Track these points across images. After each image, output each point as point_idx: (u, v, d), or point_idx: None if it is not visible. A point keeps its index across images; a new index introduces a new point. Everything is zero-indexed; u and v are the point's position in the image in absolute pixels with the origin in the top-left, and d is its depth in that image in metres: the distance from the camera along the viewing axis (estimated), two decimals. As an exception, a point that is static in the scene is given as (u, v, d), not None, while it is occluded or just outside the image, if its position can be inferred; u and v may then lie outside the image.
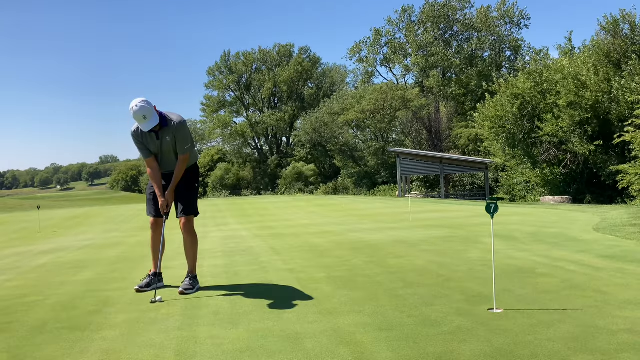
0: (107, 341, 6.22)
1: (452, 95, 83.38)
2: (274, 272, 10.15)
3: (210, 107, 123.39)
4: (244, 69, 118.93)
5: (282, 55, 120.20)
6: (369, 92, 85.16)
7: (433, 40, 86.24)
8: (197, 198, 9.18)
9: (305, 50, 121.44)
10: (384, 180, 78.99)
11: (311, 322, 6.59)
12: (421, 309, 6.98)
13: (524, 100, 44.23)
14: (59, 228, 25.64)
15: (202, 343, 5.98)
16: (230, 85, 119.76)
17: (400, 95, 79.83)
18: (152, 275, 9.03)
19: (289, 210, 31.42)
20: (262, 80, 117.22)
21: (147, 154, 8.72)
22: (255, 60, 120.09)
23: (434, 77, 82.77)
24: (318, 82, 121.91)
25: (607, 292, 7.64)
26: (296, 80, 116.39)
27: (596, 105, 39.56)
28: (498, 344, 5.54)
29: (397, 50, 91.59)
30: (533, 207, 27.43)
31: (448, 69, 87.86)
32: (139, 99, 8.20)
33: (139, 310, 7.57)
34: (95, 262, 12.56)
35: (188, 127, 8.81)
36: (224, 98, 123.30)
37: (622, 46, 42.43)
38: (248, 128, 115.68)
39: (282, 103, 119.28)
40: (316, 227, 19.56)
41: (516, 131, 44.88)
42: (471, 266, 9.99)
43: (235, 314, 7.15)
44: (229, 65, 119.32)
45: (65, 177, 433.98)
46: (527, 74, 46.00)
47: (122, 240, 17.85)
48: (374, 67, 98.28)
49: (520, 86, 44.54)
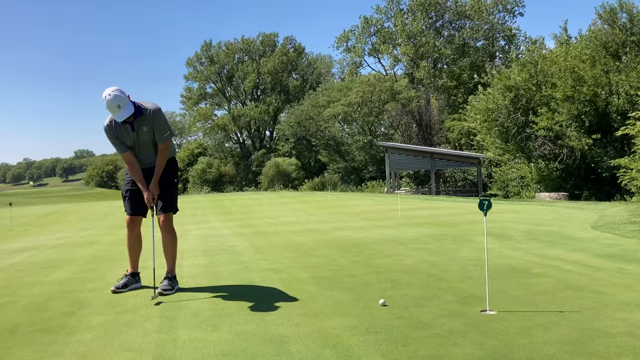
0: (82, 344, 6.20)
1: (443, 87, 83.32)
2: (256, 272, 10.13)
3: (190, 99, 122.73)
4: (226, 59, 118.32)
5: (266, 45, 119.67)
6: (356, 83, 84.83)
7: (423, 29, 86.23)
8: (176, 194, 9.15)
9: (290, 40, 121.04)
10: (371, 175, 78.83)
11: (296, 325, 6.59)
12: (411, 311, 6.99)
13: (517, 93, 44.20)
14: (31, 226, 25.52)
15: (182, 346, 5.97)
16: (211, 76, 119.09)
17: (389, 86, 79.65)
18: (130, 276, 9.00)
19: (272, 207, 31.39)
20: (245, 71, 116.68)
21: (124, 148, 8.63)
22: (238, 51, 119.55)
23: (424, 68, 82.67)
24: (303, 73, 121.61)
25: (605, 293, 7.67)
26: (280, 71, 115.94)
27: (594, 98, 39.59)
28: (491, 347, 5.55)
29: (386, 40, 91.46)
30: (528, 204, 27.54)
31: (439, 60, 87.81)
32: (112, 88, 8.13)
33: (116, 312, 7.54)
34: (69, 262, 12.50)
35: (164, 115, 8.77)
36: (205, 90, 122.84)
37: (620, 36, 42.47)
38: (230, 121, 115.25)
39: (266, 95, 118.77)
40: (301, 225, 19.56)
41: (510, 125, 44.83)
42: (463, 266, 10.01)
43: (216, 315, 7.14)
44: (210, 55, 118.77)
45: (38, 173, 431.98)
46: (522, 64, 45.91)
47: (97, 239, 17.76)
48: (361, 57, 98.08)
49: (514, 78, 44.52)
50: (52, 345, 6.21)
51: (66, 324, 7.04)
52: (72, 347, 6.13)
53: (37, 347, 6.15)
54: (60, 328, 6.86)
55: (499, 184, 55.91)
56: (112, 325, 6.88)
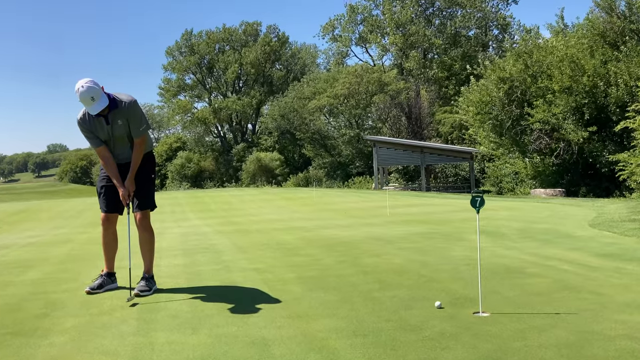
0: (56, 347, 6.18)
1: (433, 78, 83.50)
2: (238, 272, 10.13)
3: (169, 91, 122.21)
4: (207, 49, 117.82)
5: (249, 34, 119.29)
6: (342, 74, 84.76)
7: (413, 17, 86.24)
8: (154, 190, 9.12)
9: (274, 29, 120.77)
10: (359, 171, 78.78)
11: (279, 327, 6.58)
12: (400, 313, 7.00)
13: (512, 84, 44.22)
14: (2, 223, 25.45)
15: (160, 350, 5.95)
16: (191, 67, 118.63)
17: (376, 78, 79.65)
18: (105, 276, 8.96)
19: (255, 204, 31.40)
20: (226, 61, 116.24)
21: (98, 143, 8.57)
22: (219, 40, 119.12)
23: (413, 58, 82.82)
24: (287, 63, 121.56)
25: (603, 293, 7.69)
26: (263, 61, 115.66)
27: (593, 90, 39.63)
28: (484, 351, 5.56)
29: (373, 29, 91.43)
30: (522, 201, 27.60)
31: (429, 50, 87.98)
32: (85, 80, 8.06)
33: (90, 313, 7.51)
34: (42, 261, 12.44)
35: (140, 107, 8.73)
36: (184, 81, 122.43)
37: (619, 25, 42.56)
38: (210, 114, 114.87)
39: (248, 87, 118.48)
40: (285, 223, 19.57)
41: (504, 118, 44.84)
42: (455, 265, 10.03)
43: (195, 318, 7.12)
44: (190, 45, 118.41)
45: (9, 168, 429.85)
46: (516, 55, 46.00)
47: (71, 237, 17.71)
48: (348, 46, 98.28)
49: (508, 68, 44.54)
50: (24, 348, 6.19)
51: (39, 326, 7.00)
52: (44, 350, 6.10)
53: (8, 351, 6.12)
54: (32, 331, 6.82)
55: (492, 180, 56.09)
56: (86, 328, 6.85)
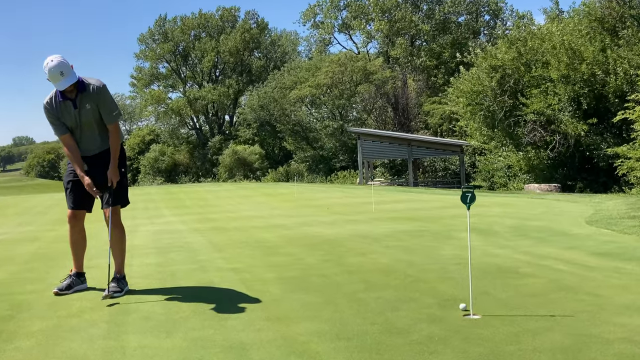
0: (21, 352, 6.15)
1: (421, 67, 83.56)
2: (214, 272, 10.12)
3: (141, 80, 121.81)
4: (182, 36, 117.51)
5: (226, 20, 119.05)
6: (325, 63, 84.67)
7: (399, 2, 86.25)
8: (127, 185, 9.08)
9: (253, 15, 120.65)
10: (342, 165, 78.78)
11: (258, 330, 6.57)
12: (386, 315, 7.00)
13: (505, 73, 44.22)
14: (-38, 221, 25.37)
15: (131, 354, 5.94)
16: (165, 55, 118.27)
17: (361, 66, 79.62)
18: (74, 276, 8.92)
19: (232, 200, 31.37)
20: (202, 49, 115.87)
21: (63, 130, 8.51)
22: (195, 27, 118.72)
23: (400, 46, 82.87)
24: (267, 51, 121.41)
25: (601, 295, 7.71)
26: (242, 49, 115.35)
27: (591, 78, 39.65)
28: (475, 355, 5.56)
29: (357, 15, 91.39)
30: (516, 197, 27.68)
31: (417, 37, 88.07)
32: (55, 55, 8.08)
33: (58, 316, 7.49)
34: (7, 260, 12.40)
35: (110, 93, 8.69)
36: (158, 70, 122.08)
37: (618, 10, 42.60)
38: (185, 105, 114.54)
39: (226, 76, 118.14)
40: (264, 220, 19.57)
41: (496, 109, 44.79)
42: (444, 265, 10.05)
43: (170, 320, 7.11)
44: (164, 31, 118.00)
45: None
46: (509, 42, 45.94)
47: (38, 235, 17.63)
48: (331, 33, 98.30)
49: (501, 56, 44.54)
50: (-14, 353, 6.16)
51: (3, 329, 6.97)
52: (10, 355, 6.08)
53: (-31, 356, 6.09)
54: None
55: (484, 175, 56.13)
56: (54, 331, 6.82)
